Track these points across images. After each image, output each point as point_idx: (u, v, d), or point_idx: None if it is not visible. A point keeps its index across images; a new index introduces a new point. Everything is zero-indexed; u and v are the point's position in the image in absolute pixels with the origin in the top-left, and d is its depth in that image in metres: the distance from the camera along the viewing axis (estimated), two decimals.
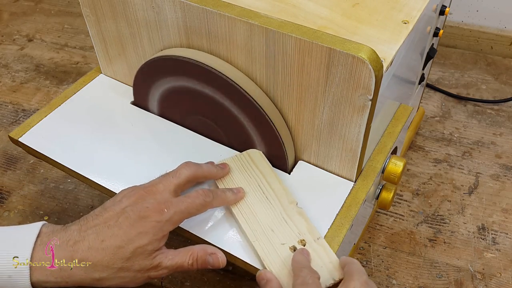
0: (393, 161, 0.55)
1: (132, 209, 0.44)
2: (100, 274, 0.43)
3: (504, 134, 0.83)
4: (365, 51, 0.42)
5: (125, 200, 0.45)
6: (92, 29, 0.61)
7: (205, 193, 0.47)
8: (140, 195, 0.45)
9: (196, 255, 0.45)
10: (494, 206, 0.72)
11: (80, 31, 1.06)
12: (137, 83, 0.59)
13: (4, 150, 0.80)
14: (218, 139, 0.57)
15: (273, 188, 0.50)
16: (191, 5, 0.48)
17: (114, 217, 0.44)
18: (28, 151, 0.59)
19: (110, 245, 0.43)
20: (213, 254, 0.46)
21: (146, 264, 0.44)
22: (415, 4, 0.52)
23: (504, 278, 0.64)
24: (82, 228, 0.44)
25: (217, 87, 0.51)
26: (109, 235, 0.43)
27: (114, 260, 0.43)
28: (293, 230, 0.47)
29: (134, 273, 0.44)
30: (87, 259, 0.43)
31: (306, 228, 0.47)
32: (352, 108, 0.46)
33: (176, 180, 0.47)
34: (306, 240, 0.46)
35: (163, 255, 0.45)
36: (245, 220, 0.48)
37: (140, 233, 0.43)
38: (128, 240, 0.43)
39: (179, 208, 0.45)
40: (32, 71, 0.96)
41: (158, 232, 0.44)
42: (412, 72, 0.64)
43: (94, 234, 0.43)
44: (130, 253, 0.43)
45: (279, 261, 0.45)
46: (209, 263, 0.45)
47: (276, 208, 0.49)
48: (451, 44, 1.04)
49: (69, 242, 0.43)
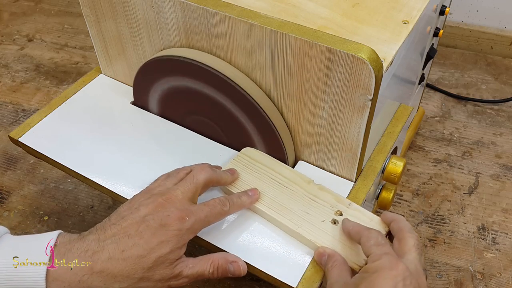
0: (393, 161, 0.55)
1: (153, 218, 0.43)
2: (120, 285, 0.42)
3: (504, 134, 0.83)
4: (365, 51, 0.42)
5: (143, 209, 0.44)
6: (92, 29, 0.61)
7: (222, 201, 0.47)
8: (159, 203, 0.44)
9: (217, 263, 0.45)
10: (494, 206, 0.72)
11: (80, 31, 1.06)
12: (137, 83, 0.59)
13: (4, 150, 0.80)
14: (218, 139, 0.57)
15: (285, 175, 0.51)
16: (191, 5, 0.48)
17: (134, 225, 0.43)
18: (28, 151, 0.59)
19: (131, 255, 0.42)
20: (234, 262, 0.45)
21: (167, 273, 0.43)
22: (415, 4, 0.52)
23: (504, 278, 0.64)
24: (100, 237, 0.43)
25: (217, 87, 0.51)
26: (130, 245, 0.42)
27: (135, 270, 0.42)
28: (325, 205, 0.49)
29: (154, 283, 0.43)
30: (107, 269, 0.41)
31: (334, 199, 0.49)
32: (352, 108, 0.46)
33: (194, 187, 0.46)
34: (340, 209, 0.48)
35: (184, 264, 0.44)
36: (278, 213, 0.49)
37: (162, 242, 0.42)
38: (150, 249, 0.42)
39: (199, 216, 0.44)
40: (32, 71, 0.96)
41: (179, 240, 0.43)
42: (412, 72, 0.64)
43: (114, 244, 0.42)
44: (151, 263, 0.42)
45: (328, 237, 0.46)
46: (230, 271, 0.45)
47: (298, 192, 0.50)
48: (451, 44, 1.04)
49: (87, 253, 0.42)
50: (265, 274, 0.45)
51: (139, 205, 0.45)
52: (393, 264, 0.39)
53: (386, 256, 0.40)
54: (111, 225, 0.43)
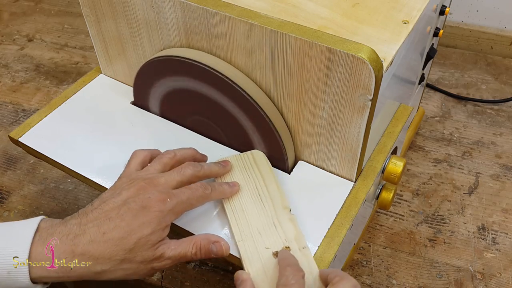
0: (393, 161, 0.55)
1: (134, 200, 0.44)
2: (102, 267, 0.43)
3: (504, 134, 0.83)
4: (365, 51, 0.42)
5: (125, 192, 0.45)
6: (92, 29, 0.61)
7: (203, 185, 0.47)
8: (141, 186, 0.45)
9: (200, 244, 0.45)
10: (494, 206, 0.72)
11: (80, 31, 1.06)
12: (137, 83, 0.59)
13: (4, 150, 0.80)
14: (218, 139, 0.57)
15: (269, 190, 0.50)
16: (191, 5, 0.48)
17: (116, 209, 0.44)
18: (28, 151, 0.59)
19: (112, 237, 0.42)
20: (217, 242, 0.46)
21: (149, 255, 0.43)
22: (415, 4, 0.52)
23: (504, 278, 0.64)
24: (82, 221, 0.44)
25: (217, 87, 0.51)
26: (111, 227, 0.43)
27: (116, 252, 0.42)
28: (281, 235, 0.47)
29: (137, 265, 0.43)
30: (88, 252, 0.42)
31: (294, 235, 0.47)
32: (352, 108, 0.46)
33: (179, 178, 0.47)
34: (291, 247, 0.46)
35: (166, 246, 0.44)
36: (235, 218, 0.48)
37: (143, 223, 0.43)
38: (131, 230, 0.43)
39: (181, 198, 0.45)
40: (32, 71, 0.96)
41: (161, 222, 0.44)
42: (412, 72, 0.64)
43: (95, 227, 0.43)
44: (132, 244, 0.43)
45: (259, 264, 0.45)
46: (213, 251, 0.45)
47: (268, 211, 0.48)
48: (451, 44, 1.03)
49: (69, 236, 0.43)
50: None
51: (121, 189, 0.45)
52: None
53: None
54: (93, 210, 0.44)
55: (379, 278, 0.64)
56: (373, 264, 0.65)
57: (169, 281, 0.62)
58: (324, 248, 0.47)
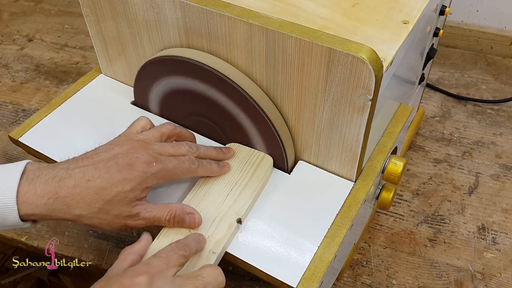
0: (393, 161, 0.55)
1: (123, 157, 0.46)
2: (81, 211, 0.45)
3: (504, 134, 0.83)
4: (365, 51, 0.42)
5: (118, 148, 0.47)
6: (92, 29, 0.61)
7: (191, 159, 0.49)
8: (133, 146, 0.47)
9: (175, 211, 0.47)
10: (494, 206, 0.72)
11: (80, 31, 1.06)
12: (137, 83, 0.59)
13: (4, 150, 0.80)
14: (218, 139, 0.57)
15: (242, 193, 0.50)
16: (191, 5, 0.48)
17: (104, 161, 0.46)
18: (28, 151, 0.59)
19: (95, 185, 0.45)
20: (191, 213, 0.47)
21: (125, 210, 0.45)
22: (415, 4, 0.52)
23: (504, 278, 0.64)
24: (70, 166, 0.46)
25: (217, 87, 0.51)
26: (95, 176, 0.45)
27: (96, 200, 0.45)
28: (209, 231, 0.47)
29: (112, 217, 0.46)
30: (71, 195, 0.44)
31: (218, 238, 0.47)
32: (352, 108, 0.46)
33: (172, 150, 0.49)
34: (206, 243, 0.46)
35: (143, 206, 0.46)
36: (194, 194, 0.50)
37: (124, 179, 0.45)
38: (112, 183, 0.45)
39: (167, 166, 0.47)
40: (32, 71, 0.96)
41: (142, 182, 0.45)
42: (412, 72, 0.64)
43: (81, 173, 0.45)
44: (111, 196, 0.45)
45: (171, 238, 0.46)
46: (186, 221, 0.47)
47: (221, 208, 0.49)
48: (451, 44, 1.03)
49: (55, 179, 0.45)
50: (265, 274, 0.45)
51: (116, 145, 0.48)
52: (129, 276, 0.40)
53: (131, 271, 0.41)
54: (84, 158, 0.47)
55: (379, 278, 0.64)
56: (373, 264, 0.65)
57: None
58: (324, 248, 0.47)
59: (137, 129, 0.52)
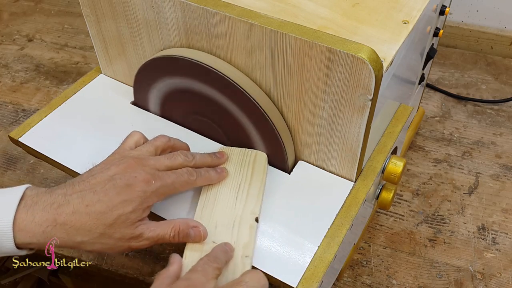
0: (393, 161, 0.55)
1: (121, 177, 0.45)
2: (82, 238, 0.44)
3: (504, 134, 0.83)
4: (365, 51, 0.42)
5: (114, 168, 0.46)
6: (92, 29, 0.61)
7: (189, 171, 0.48)
8: (129, 164, 0.46)
9: (178, 227, 0.46)
10: (494, 206, 0.72)
11: (80, 31, 1.06)
12: (137, 83, 0.59)
13: (4, 150, 0.80)
14: (218, 139, 0.57)
15: (249, 193, 0.50)
16: (191, 5, 0.48)
17: (102, 183, 0.45)
18: (28, 151, 0.59)
19: (95, 210, 0.43)
20: (195, 227, 0.46)
21: (128, 232, 0.44)
22: (415, 4, 0.52)
23: (504, 278, 0.64)
24: (67, 192, 0.44)
25: (217, 87, 0.51)
26: (94, 201, 0.44)
27: (96, 225, 0.43)
28: (233, 236, 0.47)
29: (114, 241, 0.44)
30: (70, 222, 0.43)
31: (244, 242, 0.46)
32: (352, 108, 0.46)
33: (169, 163, 0.48)
34: (235, 252, 0.46)
35: (145, 226, 0.45)
36: (203, 204, 0.49)
37: (125, 200, 0.44)
38: (113, 206, 0.43)
39: (166, 182, 0.46)
40: (32, 71, 0.96)
41: (143, 202, 0.44)
42: (412, 72, 0.64)
43: (79, 198, 0.44)
44: (112, 220, 0.43)
45: (198, 255, 0.45)
46: (191, 236, 0.46)
47: (235, 211, 0.48)
48: (451, 44, 1.03)
49: (53, 205, 0.44)
50: (265, 274, 0.45)
51: (111, 165, 0.46)
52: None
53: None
54: (80, 182, 0.45)
55: (379, 278, 0.64)
56: (373, 264, 0.65)
57: None
58: (324, 248, 0.47)
59: (130, 144, 0.50)
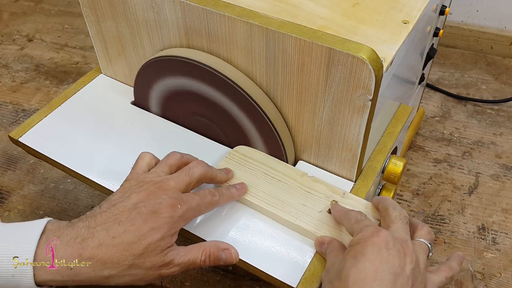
0: (393, 161, 0.55)
1: (145, 205, 0.43)
2: (110, 272, 0.42)
3: (504, 134, 0.83)
4: (365, 51, 0.42)
5: (135, 196, 0.44)
6: (92, 29, 0.61)
7: (211, 192, 0.47)
8: (151, 191, 0.44)
9: (209, 251, 0.45)
10: (494, 206, 0.72)
11: (80, 31, 1.06)
12: (137, 83, 0.59)
13: (4, 150, 0.80)
14: (218, 139, 0.57)
15: (278, 169, 0.52)
16: (191, 5, 0.48)
17: (126, 212, 0.43)
18: (28, 151, 0.59)
19: (122, 241, 0.42)
20: (226, 250, 0.45)
21: (158, 261, 0.43)
22: (415, 4, 0.52)
23: (504, 278, 0.64)
24: (90, 224, 0.43)
25: (217, 87, 0.51)
26: (120, 232, 0.42)
27: (125, 257, 0.42)
28: (320, 196, 0.50)
29: (145, 271, 0.43)
30: (97, 256, 0.41)
31: (328, 189, 0.50)
32: (352, 108, 0.46)
33: (188, 179, 0.47)
34: (335, 199, 0.49)
35: (175, 252, 0.44)
36: (275, 207, 0.49)
37: (153, 228, 0.42)
38: (141, 235, 0.42)
39: (191, 205, 0.45)
40: (32, 71, 0.96)
41: (171, 228, 0.43)
42: (412, 72, 0.64)
43: (104, 230, 0.42)
44: (142, 249, 0.42)
45: (326, 226, 0.47)
46: (222, 259, 0.45)
47: (293, 186, 0.50)
48: (451, 44, 1.04)
49: (77, 240, 0.42)
50: (265, 274, 0.45)
51: (131, 193, 0.45)
52: (374, 233, 0.40)
53: (367, 227, 0.41)
54: (102, 213, 0.44)
55: None
56: None
57: (169, 281, 0.62)
58: None
59: (143, 167, 0.48)
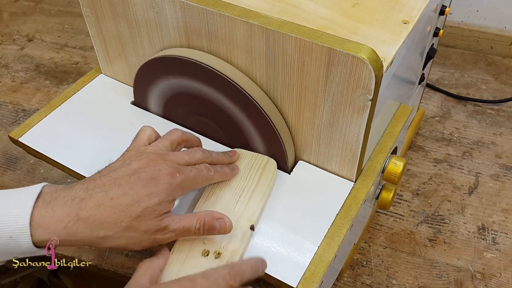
0: (393, 161, 0.55)
1: (145, 171, 0.44)
2: (106, 232, 0.42)
3: (504, 134, 0.83)
4: (365, 51, 0.42)
5: (135, 163, 0.45)
6: (92, 29, 0.61)
7: (207, 167, 0.49)
8: (151, 159, 0.46)
9: (203, 219, 0.45)
10: (494, 206, 0.72)
11: (80, 31, 1.06)
12: (137, 83, 0.59)
13: (4, 150, 0.80)
14: (218, 139, 0.57)
15: (251, 199, 0.50)
16: (191, 5, 0.48)
17: (125, 177, 0.44)
18: (28, 151, 0.59)
19: (120, 203, 0.43)
20: (220, 219, 0.46)
21: (154, 225, 0.44)
22: (415, 4, 0.52)
23: (504, 278, 0.64)
24: (89, 186, 0.44)
25: (217, 87, 0.51)
26: (119, 194, 0.43)
27: (122, 218, 0.42)
28: (223, 240, 0.46)
29: (140, 234, 0.43)
30: (94, 216, 0.42)
31: (233, 248, 0.46)
32: (352, 108, 0.46)
33: (188, 159, 0.48)
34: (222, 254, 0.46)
35: (171, 218, 0.45)
36: (204, 204, 0.49)
37: (151, 193, 0.43)
38: (139, 199, 0.43)
39: (189, 175, 0.46)
40: (32, 71, 0.96)
41: (168, 194, 0.44)
42: (412, 72, 0.64)
43: (103, 192, 0.43)
44: (139, 212, 0.43)
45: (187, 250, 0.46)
46: (216, 228, 0.45)
47: (233, 215, 0.48)
48: (451, 44, 1.04)
49: (74, 200, 0.42)
50: (265, 274, 0.45)
51: (131, 160, 0.46)
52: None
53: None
54: (101, 177, 0.45)
55: (379, 278, 0.64)
56: (373, 264, 0.65)
57: None
58: (324, 248, 0.47)
59: (143, 140, 0.50)
